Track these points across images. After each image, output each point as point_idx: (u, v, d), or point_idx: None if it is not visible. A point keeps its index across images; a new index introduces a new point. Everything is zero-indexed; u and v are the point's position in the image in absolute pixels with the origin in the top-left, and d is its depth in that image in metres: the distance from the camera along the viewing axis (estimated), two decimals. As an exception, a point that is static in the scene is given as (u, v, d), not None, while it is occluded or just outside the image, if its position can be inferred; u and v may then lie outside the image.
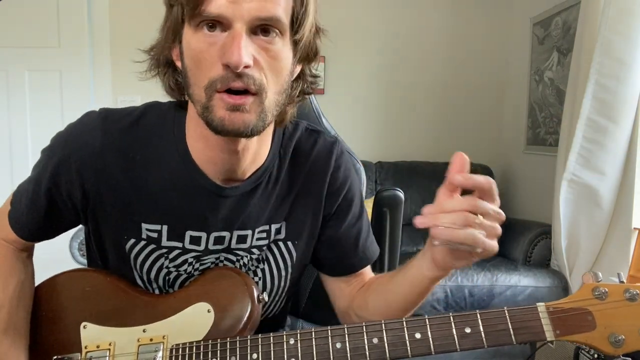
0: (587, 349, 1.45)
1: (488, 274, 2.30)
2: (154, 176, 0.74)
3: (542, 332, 0.61)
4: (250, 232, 0.78)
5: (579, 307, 0.62)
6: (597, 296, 0.62)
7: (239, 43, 0.59)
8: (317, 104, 1.09)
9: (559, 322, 0.62)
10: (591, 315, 0.61)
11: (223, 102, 0.62)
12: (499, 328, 0.62)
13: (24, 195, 0.77)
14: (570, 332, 0.61)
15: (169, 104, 0.77)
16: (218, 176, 0.74)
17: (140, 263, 0.77)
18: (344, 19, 3.07)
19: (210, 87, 0.62)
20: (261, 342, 0.67)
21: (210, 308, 0.72)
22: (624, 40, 1.92)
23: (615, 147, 2.03)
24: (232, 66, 0.60)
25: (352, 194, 0.84)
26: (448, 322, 0.63)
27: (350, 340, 0.64)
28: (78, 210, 0.76)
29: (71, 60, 2.85)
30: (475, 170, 0.59)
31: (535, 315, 0.62)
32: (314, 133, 0.83)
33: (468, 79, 3.20)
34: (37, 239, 0.81)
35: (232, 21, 0.60)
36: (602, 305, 0.61)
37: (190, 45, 0.63)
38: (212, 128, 0.64)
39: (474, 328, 0.62)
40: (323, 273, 0.88)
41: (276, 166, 0.79)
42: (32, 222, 0.78)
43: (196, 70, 0.64)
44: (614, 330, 0.60)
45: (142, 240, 0.76)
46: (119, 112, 0.76)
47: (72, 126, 0.76)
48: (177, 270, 0.78)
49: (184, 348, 0.70)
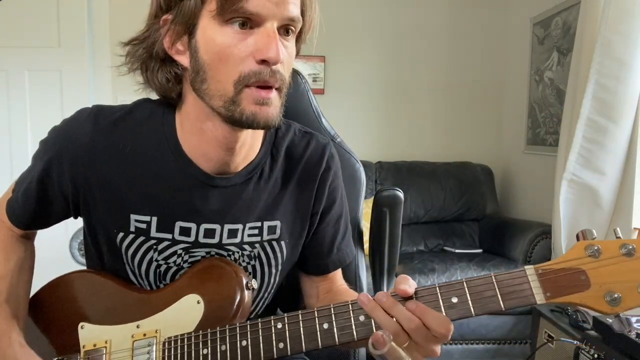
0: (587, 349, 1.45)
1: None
2: (143, 168, 0.75)
3: (532, 296, 0.59)
4: (241, 227, 0.78)
5: (570, 267, 0.59)
6: (590, 254, 0.58)
7: (277, 40, 0.63)
8: (316, 104, 1.09)
9: (550, 284, 0.58)
10: (584, 274, 0.58)
11: (253, 96, 0.64)
12: (487, 295, 0.60)
13: (21, 185, 0.80)
14: (562, 293, 0.58)
15: (159, 100, 0.78)
16: (210, 169, 0.75)
17: (130, 257, 0.78)
18: (344, 19, 3.07)
19: (241, 82, 0.64)
20: (250, 328, 0.68)
21: (200, 299, 0.73)
22: (624, 40, 1.92)
23: (615, 147, 2.03)
24: (271, 62, 0.63)
25: (335, 195, 0.86)
26: (434, 292, 0.62)
27: (337, 320, 0.64)
28: (69, 202, 0.78)
29: (71, 60, 2.86)
30: (475, 170, 0.58)
31: (524, 279, 0.59)
32: (307, 134, 0.85)
33: (468, 79, 3.20)
34: (28, 228, 0.84)
35: (265, 19, 0.63)
36: (596, 263, 0.58)
37: (215, 40, 0.64)
38: (238, 122, 0.66)
39: (460, 297, 0.61)
40: (298, 268, 0.90)
41: (268, 164, 0.80)
42: (24, 212, 0.81)
43: (221, 64, 0.64)
44: (610, 288, 0.57)
45: (130, 234, 0.77)
46: (110, 108, 0.78)
47: (66, 121, 0.78)
48: (167, 262, 0.78)
49: (175, 340, 0.71)
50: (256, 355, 0.66)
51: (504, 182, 3.18)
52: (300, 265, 0.89)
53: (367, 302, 0.62)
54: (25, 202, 0.80)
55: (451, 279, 2.29)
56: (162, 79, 0.71)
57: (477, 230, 2.90)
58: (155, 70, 0.71)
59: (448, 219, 2.88)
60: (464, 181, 2.86)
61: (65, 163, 0.75)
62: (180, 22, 0.66)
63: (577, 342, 1.50)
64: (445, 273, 2.31)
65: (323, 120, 1.08)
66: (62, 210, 0.80)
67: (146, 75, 0.73)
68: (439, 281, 2.28)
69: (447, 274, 2.31)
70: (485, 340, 2.29)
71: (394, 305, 0.60)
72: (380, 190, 1.13)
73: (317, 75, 3.10)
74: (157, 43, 0.69)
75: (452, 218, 2.88)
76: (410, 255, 2.61)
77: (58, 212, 0.81)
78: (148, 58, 0.71)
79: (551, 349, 1.71)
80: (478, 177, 2.89)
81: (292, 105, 0.87)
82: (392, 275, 1.17)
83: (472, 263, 2.39)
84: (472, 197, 2.85)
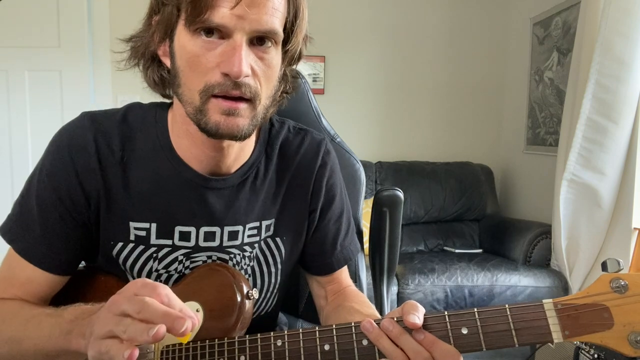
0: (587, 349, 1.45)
1: (488, 273, 2.30)
2: (140, 174, 0.74)
3: (549, 333, 0.54)
4: (241, 228, 0.78)
5: (593, 303, 0.53)
6: (615, 289, 0.53)
7: (240, 54, 0.61)
8: (316, 104, 1.09)
9: (569, 322, 0.53)
10: (608, 311, 0.52)
11: (219, 106, 0.63)
12: (499, 329, 0.56)
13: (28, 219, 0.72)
14: (582, 332, 0.53)
15: (150, 103, 0.78)
16: (203, 171, 0.75)
17: (129, 267, 0.76)
18: (344, 19, 3.07)
19: (206, 92, 0.63)
20: (249, 343, 0.66)
21: (199, 307, 0.71)
22: (624, 40, 1.92)
23: (615, 147, 2.03)
24: (232, 76, 0.61)
25: (334, 192, 0.85)
26: (444, 321, 0.58)
27: (339, 342, 0.62)
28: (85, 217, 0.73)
29: (71, 60, 2.85)
30: (476, 170, 0.58)
31: (541, 314, 0.55)
32: (302, 131, 0.85)
33: (468, 79, 3.20)
34: (68, 268, 0.75)
35: (232, 31, 0.62)
36: (621, 299, 0.52)
37: (186, 47, 0.64)
38: (205, 131, 0.65)
39: (471, 329, 0.57)
40: (304, 270, 0.90)
41: (264, 163, 0.80)
42: (53, 249, 0.72)
43: (190, 73, 0.64)
44: (636, 328, 0.51)
45: (130, 243, 0.75)
46: (103, 114, 0.76)
47: (63, 133, 0.74)
48: (167, 270, 0.77)
49: (173, 350, 0.70)
50: None
51: (504, 182, 3.18)
52: (306, 266, 0.88)
53: (371, 330, 0.58)
54: (47, 236, 0.72)
55: (451, 279, 2.30)
56: (153, 79, 0.72)
57: (477, 230, 2.90)
58: (147, 68, 0.72)
59: (448, 219, 2.88)
60: (464, 181, 2.86)
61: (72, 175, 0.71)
62: (161, 28, 0.67)
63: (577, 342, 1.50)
64: (445, 273, 2.31)
65: (323, 120, 1.08)
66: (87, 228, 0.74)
67: (145, 73, 0.73)
68: (439, 281, 2.28)
69: (447, 273, 2.31)
70: (485, 340, 2.29)
71: (400, 334, 0.57)
72: (380, 190, 1.13)
73: (317, 75, 3.10)
74: (149, 45, 0.70)
75: (452, 218, 2.88)
76: (410, 255, 2.61)
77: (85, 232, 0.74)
78: (141, 57, 0.72)
79: (551, 349, 1.71)
80: (478, 177, 2.89)
81: (292, 105, 0.87)
82: (392, 275, 1.17)
83: (472, 263, 2.39)
84: (472, 197, 2.85)
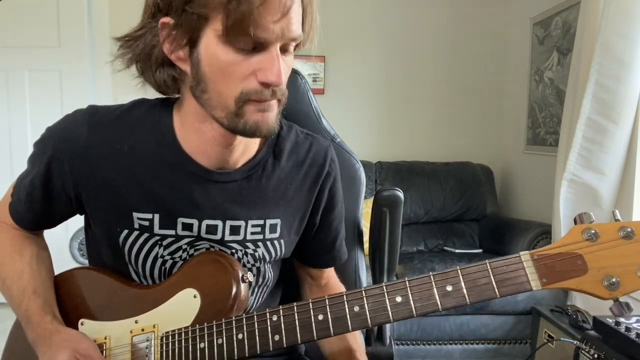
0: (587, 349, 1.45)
1: (488, 274, 2.30)
2: (142, 165, 0.76)
3: (527, 282, 0.58)
4: (243, 223, 0.79)
5: (567, 252, 0.57)
6: (587, 238, 0.57)
7: (278, 65, 0.64)
8: (316, 104, 1.09)
9: (546, 270, 0.57)
10: (581, 258, 0.56)
11: (255, 108, 0.67)
12: (481, 282, 0.60)
13: (22, 188, 0.81)
14: (558, 279, 0.56)
15: (157, 99, 0.79)
16: (209, 165, 0.76)
17: (134, 255, 0.78)
18: (344, 19, 3.07)
19: (242, 98, 0.66)
20: (245, 321, 0.68)
21: (196, 293, 0.74)
22: (624, 40, 1.92)
23: (615, 147, 2.03)
24: (272, 86, 0.65)
25: (337, 199, 0.89)
26: (429, 282, 0.62)
27: (332, 311, 0.65)
28: (72, 201, 0.79)
29: (71, 60, 2.86)
30: (476, 170, 0.58)
31: (519, 265, 0.58)
32: (309, 136, 0.87)
33: (468, 78, 3.20)
34: (35, 229, 0.85)
35: (270, 43, 0.63)
36: (593, 247, 0.56)
37: (218, 56, 0.64)
38: (242, 132, 0.68)
39: (455, 285, 0.61)
40: (294, 258, 0.92)
41: (271, 162, 0.81)
42: (30, 213, 0.81)
43: (223, 80, 0.66)
44: (609, 272, 0.55)
45: (134, 230, 0.77)
46: (106, 108, 0.79)
47: (61, 122, 0.78)
48: (172, 257, 0.78)
49: (173, 335, 0.72)
50: (252, 348, 0.67)
51: (504, 182, 3.18)
52: (299, 256, 0.92)
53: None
54: (29, 204, 0.80)
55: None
56: (160, 80, 0.72)
57: (477, 230, 2.90)
58: (153, 70, 0.71)
59: (448, 219, 2.88)
60: (464, 181, 2.86)
61: (65, 164, 0.75)
62: (182, 33, 0.65)
63: (577, 342, 1.50)
64: (445, 273, 2.31)
65: (323, 120, 1.08)
66: (67, 208, 0.81)
67: (143, 73, 0.73)
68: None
69: (447, 274, 2.31)
70: (485, 340, 2.29)
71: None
72: (380, 190, 1.13)
73: (317, 75, 3.10)
74: (156, 47, 0.68)
75: (452, 218, 2.88)
76: (410, 255, 2.61)
77: (63, 211, 0.81)
78: (146, 58, 0.70)
79: (551, 349, 1.71)
80: (478, 177, 2.89)
81: (292, 105, 0.88)
82: (392, 275, 1.17)
83: (472, 263, 2.39)
84: (472, 197, 2.85)
